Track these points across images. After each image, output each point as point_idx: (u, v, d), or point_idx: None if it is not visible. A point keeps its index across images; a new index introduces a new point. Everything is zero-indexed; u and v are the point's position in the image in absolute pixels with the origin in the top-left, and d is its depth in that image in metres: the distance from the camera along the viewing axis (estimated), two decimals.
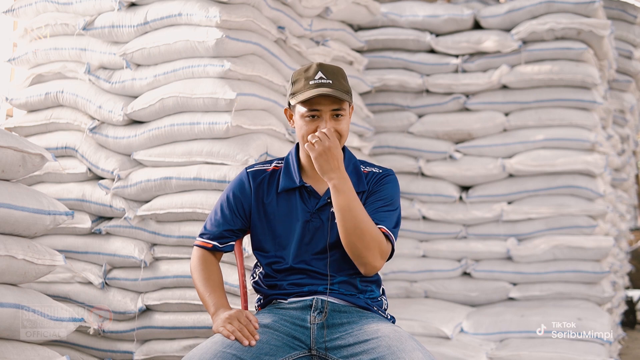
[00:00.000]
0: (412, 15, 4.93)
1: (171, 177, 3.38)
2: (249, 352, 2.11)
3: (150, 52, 3.44)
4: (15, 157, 2.56)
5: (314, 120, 2.28)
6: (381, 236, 2.24)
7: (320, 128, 2.26)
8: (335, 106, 2.27)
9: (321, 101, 2.26)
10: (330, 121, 2.28)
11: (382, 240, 2.24)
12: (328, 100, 2.26)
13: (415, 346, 2.10)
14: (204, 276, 2.34)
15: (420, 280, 4.75)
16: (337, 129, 2.28)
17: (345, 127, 2.31)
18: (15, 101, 3.80)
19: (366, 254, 2.22)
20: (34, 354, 2.54)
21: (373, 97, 4.95)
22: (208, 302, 2.28)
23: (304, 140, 2.29)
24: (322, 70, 2.28)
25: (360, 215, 2.20)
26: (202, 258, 2.38)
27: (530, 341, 4.11)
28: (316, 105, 2.27)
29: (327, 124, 2.26)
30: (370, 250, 2.22)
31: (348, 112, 2.33)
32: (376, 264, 2.24)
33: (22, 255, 2.54)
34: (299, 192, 2.36)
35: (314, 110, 2.27)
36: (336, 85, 2.26)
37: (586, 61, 4.72)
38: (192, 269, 2.39)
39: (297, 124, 2.33)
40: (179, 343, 3.39)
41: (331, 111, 2.28)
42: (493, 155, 4.74)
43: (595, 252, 4.56)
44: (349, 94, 2.30)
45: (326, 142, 2.20)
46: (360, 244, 2.21)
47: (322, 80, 2.26)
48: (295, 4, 3.76)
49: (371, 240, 2.21)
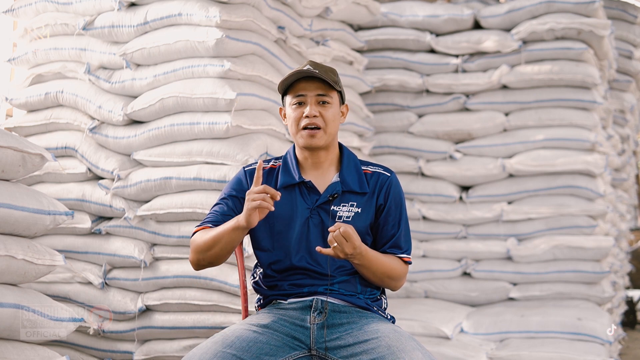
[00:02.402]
0: (412, 15, 4.93)
1: (171, 177, 3.38)
2: (249, 352, 2.11)
3: (150, 52, 3.44)
4: (15, 157, 2.56)
5: (300, 107, 2.31)
6: (403, 267, 2.36)
7: (304, 113, 2.29)
8: (320, 91, 2.30)
9: (306, 87, 2.29)
10: (315, 105, 2.30)
11: (404, 269, 2.37)
12: (313, 86, 2.29)
13: (415, 346, 2.10)
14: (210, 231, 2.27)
15: (420, 280, 4.75)
16: (322, 114, 2.30)
17: (331, 116, 2.32)
18: (15, 101, 3.80)
19: (394, 284, 2.37)
20: (34, 354, 2.53)
21: (373, 97, 4.95)
22: (227, 224, 2.22)
23: (292, 129, 2.33)
24: (312, 64, 2.32)
25: (383, 268, 2.30)
26: (200, 232, 2.31)
27: (530, 341, 4.11)
28: (301, 91, 2.30)
29: (311, 108, 2.28)
30: (397, 280, 2.36)
31: (336, 103, 2.34)
32: (401, 285, 2.40)
33: (22, 255, 2.54)
34: (298, 189, 2.36)
35: (299, 95, 2.30)
36: (322, 74, 2.29)
37: (586, 61, 4.71)
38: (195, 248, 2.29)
39: (287, 117, 2.36)
40: (179, 343, 3.39)
41: (316, 96, 2.30)
42: (493, 155, 4.74)
43: (595, 252, 4.56)
44: (337, 84, 2.32)
45: (343, 243, 2.15)
46: (388, 282, 2.35)
47: (309, 69, 2.30)
48: (295, 4, 3.76)
49: (396, 276, 2.34)
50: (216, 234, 2.24)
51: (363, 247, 2.21)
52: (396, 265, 2.33)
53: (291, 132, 2.35)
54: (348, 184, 2.35)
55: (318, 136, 2.31)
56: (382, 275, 2.30)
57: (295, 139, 2.35)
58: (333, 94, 2.33)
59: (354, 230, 2.16)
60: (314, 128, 2.30)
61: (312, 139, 2.31)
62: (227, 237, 2.22)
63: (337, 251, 2.16)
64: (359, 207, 2.34)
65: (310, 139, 2.31)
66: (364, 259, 2.23)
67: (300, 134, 2.32)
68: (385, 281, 2.33)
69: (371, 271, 2.28)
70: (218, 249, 2.25)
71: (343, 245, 2.15)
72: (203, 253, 2.28)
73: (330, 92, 2.32)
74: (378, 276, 2.30)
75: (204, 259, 2.30)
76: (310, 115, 2.29)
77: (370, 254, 2.25)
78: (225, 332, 2.19)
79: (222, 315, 3.32)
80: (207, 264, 2.32)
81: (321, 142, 2.32)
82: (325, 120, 2.31)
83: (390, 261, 2.32)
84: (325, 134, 2.32)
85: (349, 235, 2.14)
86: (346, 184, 2.35)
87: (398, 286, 2.37)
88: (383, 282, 2.34)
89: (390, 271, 2.31)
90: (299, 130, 2.32)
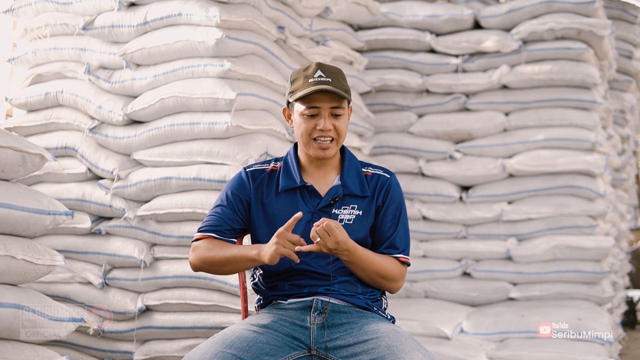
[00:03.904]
0: (412, 15, 4.93)
1: (171, 177, 3.37)
2: (249, 352, 2.11)
3: (150, 52, 3.44)
4: (15, 157, 2.56)
5: (313, 118, 2.28)
6: (400, 267, 2.33)
7: (318, 126, 2.27)
8: (334, 104, 2.28)
9: (320, 98, 2.27)
10: (328, 119, 2.28)
11: (401, 269, 2.34)
12: (327, 98, 2.27)
13: (415, 346, 2.10)
14: (222, 247, 2.27)
15: (420, 280, 4.75)
16: (336, 126, 2.29)
17: (344, 126, 2.31)
18: (15, 101, 3.80)
19: (390, 285, 2.34)
20: (34, 354, 2.53)
21: (373, 97, 4.95)
22: (244, 252, 2.22)
23: (303, 139, 2.30)
24: (322, 69, 2.29)
25: (374, 267, 2.28)
26: (207, 242, 2.31)
27: (530, 341, 4.11)
28: (315, 103, 2.27)
29: (325, 122, 2.27)
30: (392, 281, 2.33)
31: (347, 112, 2.33)
32: (399, 286, 2.37)
33: (22, 255, 2.54)
34: (299, 192, 2.35)
35: (312, 107, 2.28)
36: (335, 83, 2.27)
37: (586, 61, 4.71)
38: (201, 257, 2.28)
39: (295, 123, 2.33)
40: (179, 343, 3.39)
41: (330, 109, 2.28)
42: (493, 155, 4.74)
43: (596, 252, 4.56)
44: (348, 93, 2.31)
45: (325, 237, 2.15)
46: (383, 282, 2.32)
47: (321, 78, 2.27)
48: (295, 4, 3.76)
49: (391, 277, 2.32)
50: (231, 256, 2.25)
51: (350, 244, 2.19)
52: (391, 265, 2.31)
53: (301, 141, 2.33)
54: (349, 188, 2.35)
55: (330, 148, 2.31)
56: (375, 275, 2.28)
57: (304, 147, 2.33)
58: (345, 103, 2.31)
59: (338, 225, 2.16)
60: (326, 140, 2.29)
61: (324, 152, 2.31)
62: (241, 264, 2.25)
63: (320, 246, 2.16)
64: (359, 210, 2.33)
65: (322, 152, 2.31)
66: (352, 255, 2.21)
67: (311, 145, 2.30)
68: (379, 281, 2.31)
69: (362, 268, 2.26)
70: (230, 269, 2.29)
71: (325, 239, 2.14)
72: (210, 266, 2.29)
73: (343, 103, 2.30)
74: (370, 275, 2.28)
75: (209, 270, 2.32)
76: (326, 129, 2.27)
77: (360, 251, 2.23)
78: (225, 332, 2.19)
79: (222, 315, 3.32)
80: (209, 272, 2.35)
81: (332, 153, 2.32)
82: (338, 132, 2.30)
83: (384, 261, 2.30)
84: (337, 145, 2.32)
85: (331, 230, 2.14)
86: (347, 188, 2.35)
87: (395, 288, 2.35)
88: (378, 283, 2.32)
89: (383, 271, 2.29)
90: (310, 141, 2.30)
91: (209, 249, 2.28)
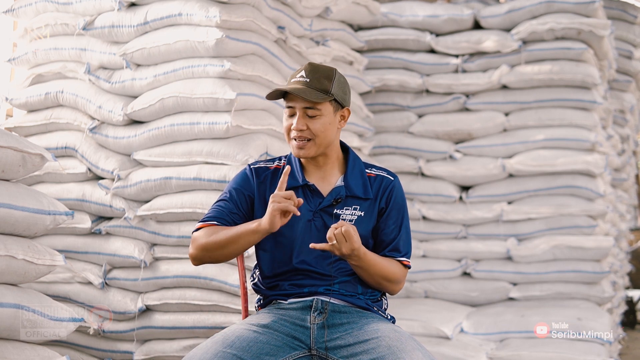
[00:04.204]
0: (412, 15, 4.94)
1: (171, 177, 3.38)
2: (249, 352, 2.11)
3: (150, 52, 3.44)
4: (15, 157, 2.56)
5: (291, 118, 2.32)
6: (402, 270, 2.35)
7: (292, 126, 2.30)
8: (307, 104, 2.29)
9: (295, 98, 2.29)
10: (302, 119, 2.29)
11: (403, 272, 2.36)
12: (301, 98, 2.28)
13: (415, 346, 2.10)
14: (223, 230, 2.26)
15: (420, 280, 4.75)
16: (310, 127, 2.30)
17: (319, 126, 2.30)
18: (15, 101, 3.80)
19: (392, 288, 2.36)
20: (34, 354, 2.53)
21: (373, 97, 4.95)
22: (245, 227, 2.21)
23: (285, 137, 2.35)
24: (307, 69, 2.31)
25: (380, 270, 2.29)
26: (207, 229, 2.29)
27: (530, 341, 4.11)
28: (290, 102, 2.31)
29: (298, 122, 2.29)
30: (394, 284, 2.35)
31: (327, 112, 2.31)
32: (399, 288, 2.39)
33: (22, 255, 2.54)
34: (302, 191, 2.35)
35: (289, 107, 2.32)
36: (312, 83, 2.28)
37: (586, 61, 4.72)
38: (202, 245, 2.26)
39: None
40: (179, 343, 3.39)
41: (303, 109, 2.30)
42: (493, 155, 4.74)
43: (595, 252, 4.56)
44: (327, 93, 2.29)
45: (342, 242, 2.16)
46: (386, 284, 2.33)
47: (301, 78, 2.30)
48: (295, 4, 3.76)
49: (394, 279, 2.33)
50: (233, 235, 2.23)
51: (362, 250, 2.20)
52: (395, 268, 2.33)
53: (284, 133, 2.37)
54: (352, 189, 2.35)
55: (307, 148, 2.31)
56: (379, 278, 2.29)
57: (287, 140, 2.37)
58: (322, 105, 2.30)
59: (355, 231, 2.16)
60: (302, 140, 2.31)
61: (300, 150, 2.32)
62: (245, 239, 2.22)
63: (334, 249, 2.16)
64: (362, 211, 2.34)
65: (298, 150, 2.32)
66: (362, 261, 2.22)
67: (291, 144, 2.34)
68: (382, 284, 2.32)
69: (368, 273, 2.28)
70: (232, 249, 2.25)
71: (342, 244, 2.15)
72: (211, 251, 2.26)
73: (318, 105, 2.29)
74: (375, 279, 2.30)
75: (210, 257, 2.29)
76: (297, 129, 2.30)
77: (369, 257, 2.24)
78: (225, 332, 2.19)
79: (222, 315, 3.32)
80: (210, 261, 2.31)
81: (310, 153, 2.32)
82: (313, 132, 2.30)
83: (389, 264, 2.32)
84: (315, 144, 2.31)
85: (350, 236, 2.14)
86: (350, 189, 2.35)
87: (396, 290, 2.36)
88: (380, 285, 2.33)
89: (388, 274, 2.31)
90: (290, 140, 2.34)
91: (210, 235, 2.27)
